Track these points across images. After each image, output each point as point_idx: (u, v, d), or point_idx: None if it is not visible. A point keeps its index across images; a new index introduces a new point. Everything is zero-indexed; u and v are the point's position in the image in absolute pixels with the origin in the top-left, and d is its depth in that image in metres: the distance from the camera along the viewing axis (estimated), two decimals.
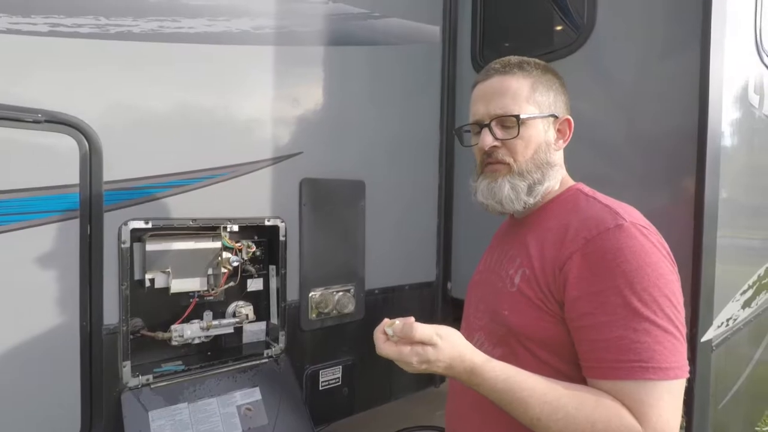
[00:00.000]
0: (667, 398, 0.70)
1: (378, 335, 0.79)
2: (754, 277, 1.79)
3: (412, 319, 0.77)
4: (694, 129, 1.27)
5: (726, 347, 1.49)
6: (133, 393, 1.25)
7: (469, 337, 1.00)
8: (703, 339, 1.29)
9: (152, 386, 1.28)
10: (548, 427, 0.73)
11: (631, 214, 0.81)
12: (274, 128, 1.50)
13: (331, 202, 1.64)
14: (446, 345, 0.75)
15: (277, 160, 1.51)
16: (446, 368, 0.76)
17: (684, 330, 0.75)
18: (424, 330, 0.75)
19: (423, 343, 0.75)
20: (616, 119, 1.48)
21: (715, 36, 1.24)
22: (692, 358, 1.27)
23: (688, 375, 0.73)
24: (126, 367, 1.25)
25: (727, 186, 1.53)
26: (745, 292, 1.67)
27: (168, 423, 1.23)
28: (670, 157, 1.34)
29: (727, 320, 1.50)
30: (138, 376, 1.27)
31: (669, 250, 0.81)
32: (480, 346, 0.94)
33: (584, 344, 0.77)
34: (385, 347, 0.77)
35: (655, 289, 0.73)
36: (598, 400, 0.72)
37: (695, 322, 1.26)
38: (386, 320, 0.80)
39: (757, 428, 2.76)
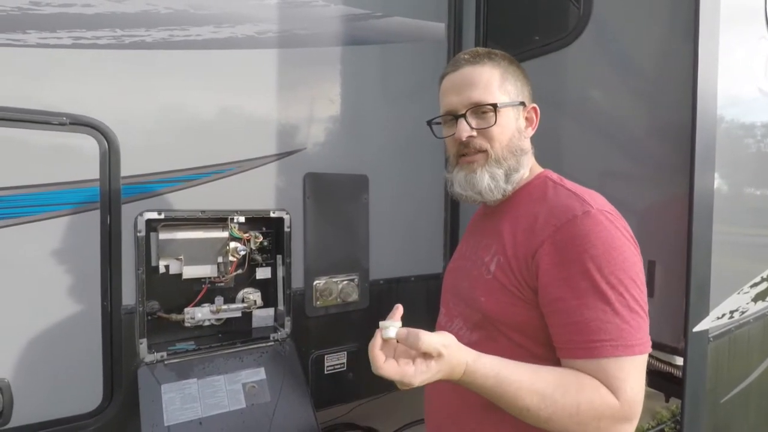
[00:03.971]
0: (634, 372, 0.75)
1: (376, 352, 0.71)
2: None
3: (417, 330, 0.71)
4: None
5: (730, 340, 1.45)
6: (148, 368, 1.38)
7: (448, 322, 1.04)
8: (697, 329, 1.28)
9: (166, 362, 1.41)
10: (537, 415, 0.74)
11: (597, 201, 0.84)
12: (278, 126, 1.60)
13: (333, 196, 1.72)
14: (451, 353, 0.72)
15: (281, 155, 1.61)
16: (444, 376, 0.73)
17: (647, 308, 0.80)
18: (431, 341, 0.70)
19: (426, 354, 0.71)
20: (629, 105, 1.45)
21: (706, 22, 1.22)
22: (684, 348, 1.27)
23: (650, 350, 0.78)
24: (142, 344, 1.39)
25: (732, 181, 1.49)
26: (757, 284, 1.62)
27: (178, 396, 1.35)
28: (680, 149, 1.29)
29: (731, 312, 1.46)
30: (153, 352, 1.40)
31: (632, 233, 0.84)
32: (459, 331, 0.98)
33: (557, 327, 0.80)
34: (386, 367, 0.70)
35: (621, 272, 0.77)
36: (580, 382, 0.75)
37: (687, 313, 1.25)
38: (382, 324, 0.73)
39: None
